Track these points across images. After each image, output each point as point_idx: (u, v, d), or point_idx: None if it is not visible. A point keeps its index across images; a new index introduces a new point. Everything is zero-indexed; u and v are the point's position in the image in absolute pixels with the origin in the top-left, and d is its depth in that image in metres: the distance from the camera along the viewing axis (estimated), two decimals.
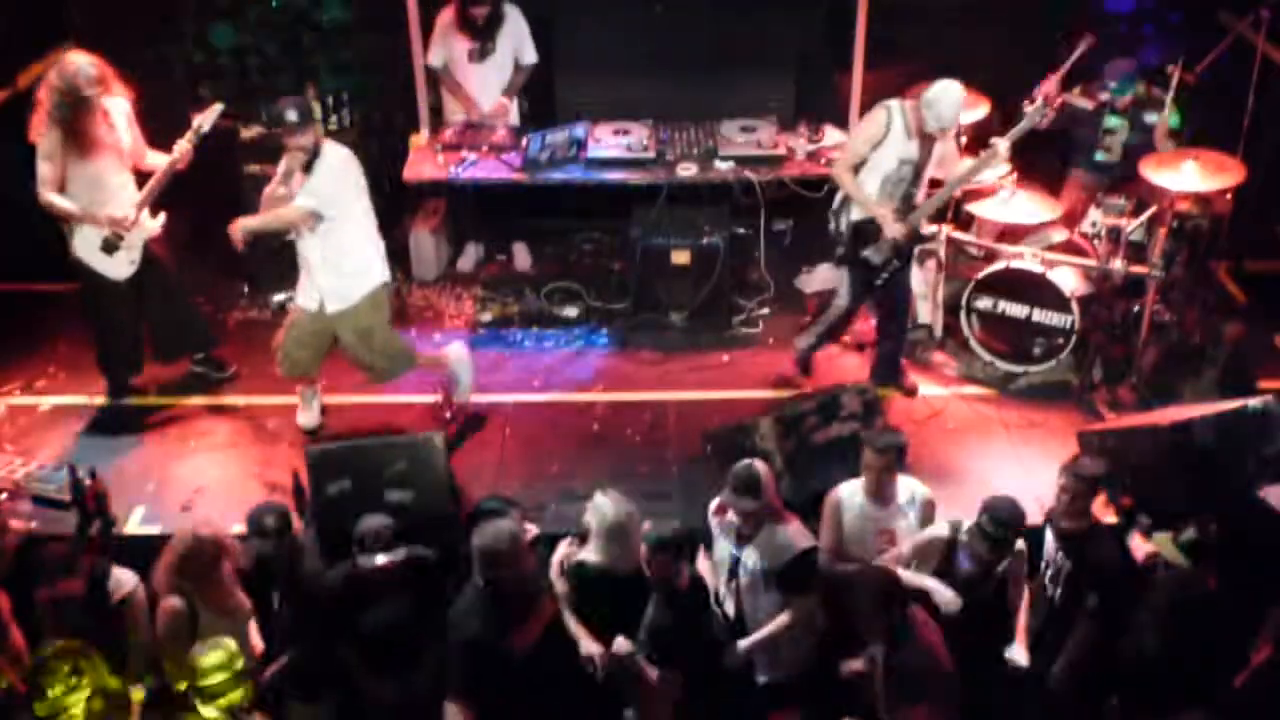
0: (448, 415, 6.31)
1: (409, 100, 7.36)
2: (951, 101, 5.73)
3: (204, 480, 5.95)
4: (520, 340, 7.09)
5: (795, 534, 4.71)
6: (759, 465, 4.66)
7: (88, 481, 5.52)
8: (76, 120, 5.77)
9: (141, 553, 4.98)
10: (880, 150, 5.93)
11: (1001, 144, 5.91)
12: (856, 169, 6.01)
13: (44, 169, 5.86)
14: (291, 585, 4.79)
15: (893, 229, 5.94)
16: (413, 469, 5.39)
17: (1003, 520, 4.51)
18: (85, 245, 6.03)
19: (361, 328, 5.92)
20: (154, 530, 5.59)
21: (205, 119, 5.96)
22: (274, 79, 7.44)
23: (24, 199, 7.30)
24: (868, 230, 6.04)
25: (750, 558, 4.69)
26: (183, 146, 5.94)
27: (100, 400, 6.48)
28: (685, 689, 4.55)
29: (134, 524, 5.63)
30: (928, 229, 6.34)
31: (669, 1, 7.36)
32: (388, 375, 6.12)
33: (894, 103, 5.92)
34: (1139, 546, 4.85)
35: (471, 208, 7.69)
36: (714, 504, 4.91)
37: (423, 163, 7.09)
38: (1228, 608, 4.35)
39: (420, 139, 7.33)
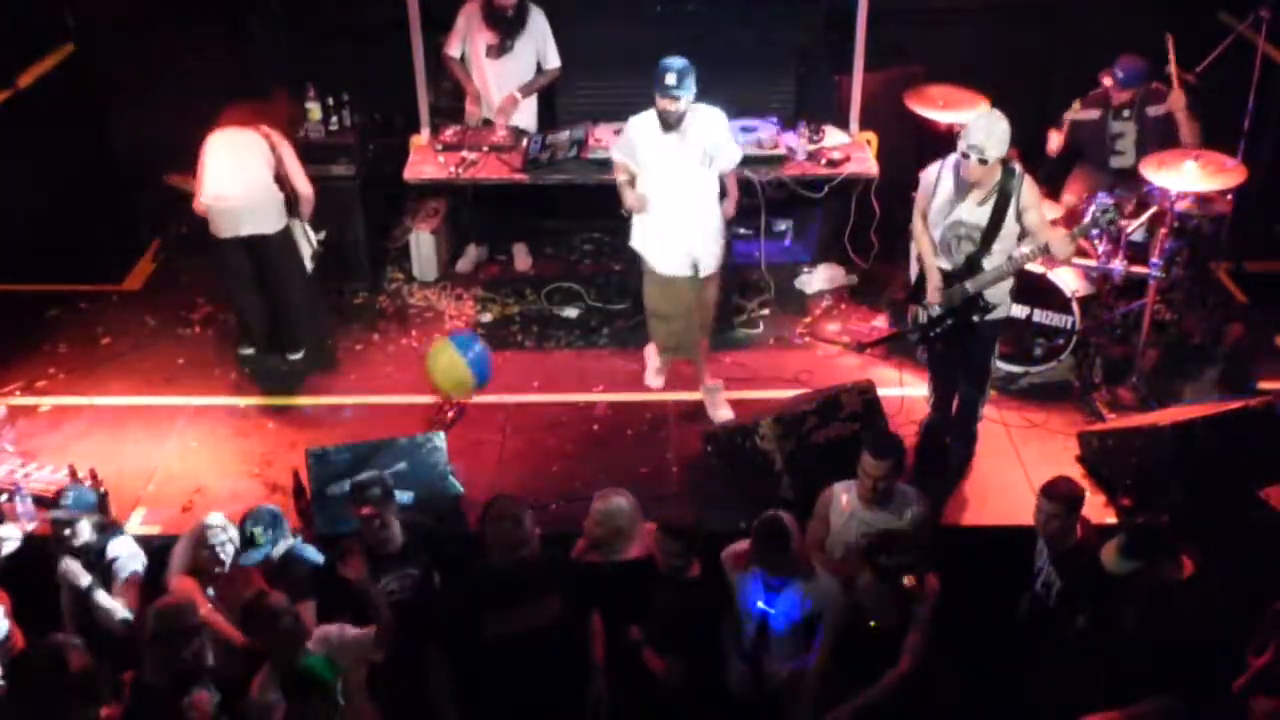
0: (448, 415, 6.31)
1: (409, 100, 7.37)
2: (983, 124, 5.14)
3: (204, 480, 5.95)
4: (520, 340, 7.10)
5: (825, 580, 4.63)
6: (785, 518, 4.54)
7: (88, 482, 5.52)
8: None
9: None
10: (932, 205, 5.48)
11: (1062, 245, 5.36)
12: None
13: None
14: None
15: (932, 294, 5.50)
16: (413, 469, 5.40)
17: (887, 549, 4.43)
18: (304, 243, 6.74)
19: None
20: (154, 530, 5.59)
21: None
22: (273, 79, 7.45)
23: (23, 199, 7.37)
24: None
25: (784, 607, 4.57)
26: None
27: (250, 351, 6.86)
28: (689, 679, 4.57)
29: (134, 524, 5.63)
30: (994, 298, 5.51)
31: (669, 1, 7.36)
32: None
33: (951, 158, 5.37)
34: None
35: (471, 208, 7.70)
36: (729, 554, 4.77)
37: (423, 163, 7.09)
38: (1208, 595, 4.34)
39: (420, 139, 7.33)
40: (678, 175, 5.89)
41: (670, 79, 5.69)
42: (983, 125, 5.15)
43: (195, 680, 4.27)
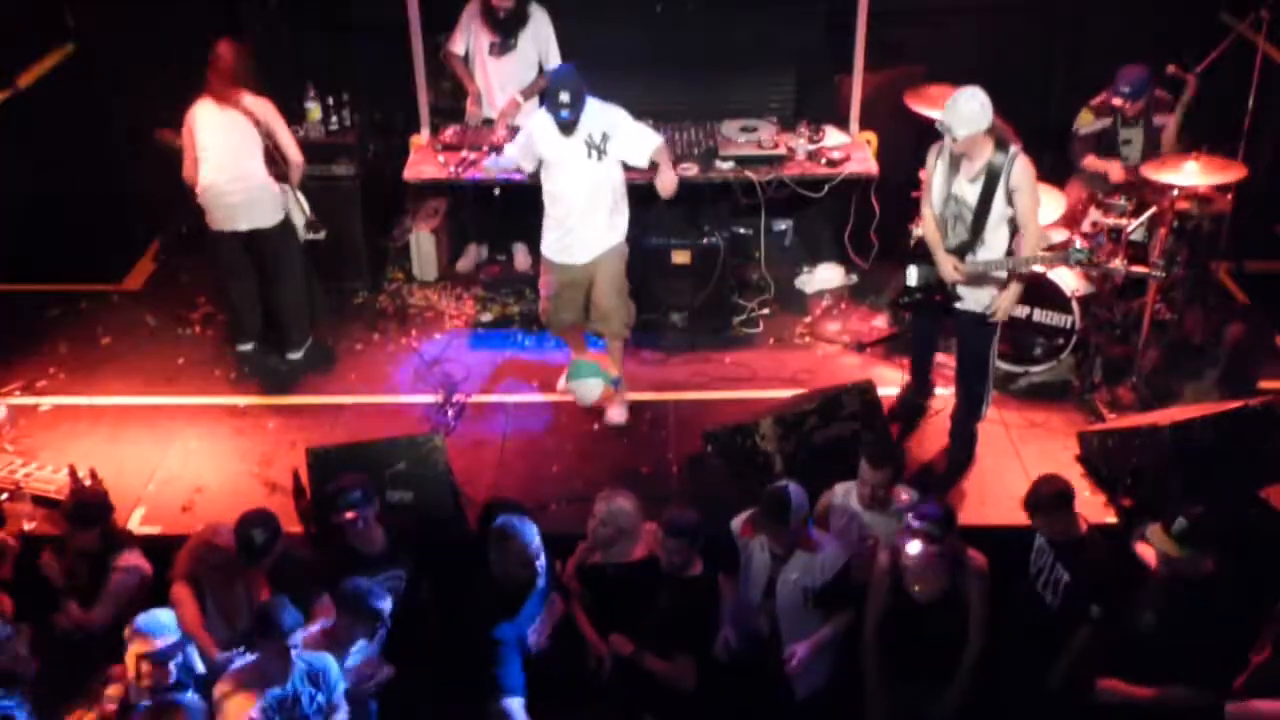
0: (449, 415, 6.31)
1: (409, 100, 7.37)
2: (949, 104, 5.28)
3: (204, 480, 5.95)
4: (520, 340, 7.10)
5: (831, 550, 4.68)
6: (792, 489, 4.59)
7: (88, 482, 5.52)
8: None
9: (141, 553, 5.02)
10: (933, 182, 5.60)
11: (1023, 260, 5.44)
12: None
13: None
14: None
15: (945, 271, 5.57)
16: (413, 469, 5.39)
17: (936, 516, 4.43)
18: (292, 202, 6.54)
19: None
20: (154, 530, 5.60)
21: None
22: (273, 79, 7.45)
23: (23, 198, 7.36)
24: (923, 248, 5.76)
25: (789, 576, 4.64)
26: None
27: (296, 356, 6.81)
28: (696, 677, 4.59)
29: (134, 524, 5.63)
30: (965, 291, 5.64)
31: (669, 1, 7.37)
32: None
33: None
34: (1146, 551, 4.82)
35: (472, 208, 7.69)
36: (739, 521, 4.84)
37: (423, 163, 7.08)
38: (1227, 592, 4.35)
39: (420, 139, 7.34)
40: (565, 168, 5.99)
41: (565, 97, 5.77)
42: (950, 105, 5.26)
43: (180, 691, 4.28)
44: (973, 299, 5.63)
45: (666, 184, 6.14)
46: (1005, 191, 5.32)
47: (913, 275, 5.79)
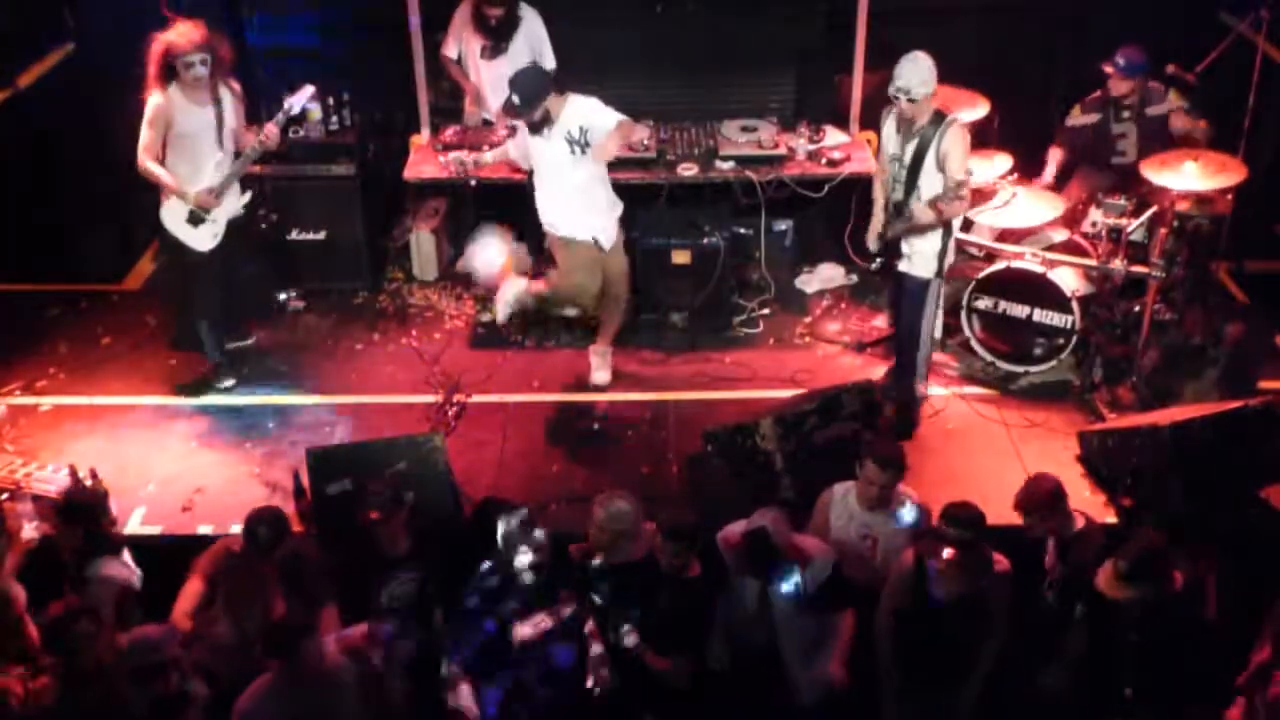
0: (449, 415, 6.31)
1: (409, 100, 7.37)
2: (906, 66, 5.55)
3: (204, 480, 5.95)
4: (520, 340, 7.10)
5: (819, 556, 4.68)
6: (770, 531, 4.55)
7: (88, 481, 5.52)
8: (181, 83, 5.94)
9: (141, 553, 5.01)
10: (881, 144, 5.98)
11: (924, 211, 5.72)
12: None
13: (146, 135, 5.93)
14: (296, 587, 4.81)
15: (873, 234, 6.05)
16: (413, 469, 5.39)
17: (961, 518, 4.43)
18: (172, 216, 6.17)
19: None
20: (154, 530, 5.60)
21: (296, 100, 6.15)
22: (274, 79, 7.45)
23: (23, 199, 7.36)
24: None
25: (780, 587, 4.63)
26: (270, 129, 6.09)
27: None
28: (693, 678, 4.60)
29: (134, 524, 5.63)
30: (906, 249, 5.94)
31: (669, 1, 7.37)
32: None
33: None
34: None
35: (473, 207, 7.69)
36: (728, 533, 4.79)
37: (423, 163, 7.09)
38: (1198, 602, 4.37)
39: (420, 139, 7.34)
40: (551, 166, 6.12)
41: (514, 99, 5.92)
42: (904, 69, 5.56)
43: (179, 709, 4.27)
44: (909, 262, 5.90)
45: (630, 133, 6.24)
46: (936, 155, 5.59)
47: (870, 241, 6.08)
